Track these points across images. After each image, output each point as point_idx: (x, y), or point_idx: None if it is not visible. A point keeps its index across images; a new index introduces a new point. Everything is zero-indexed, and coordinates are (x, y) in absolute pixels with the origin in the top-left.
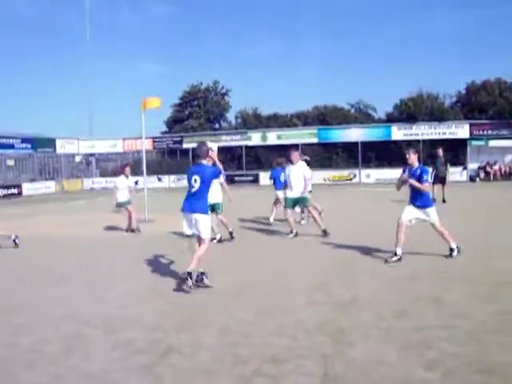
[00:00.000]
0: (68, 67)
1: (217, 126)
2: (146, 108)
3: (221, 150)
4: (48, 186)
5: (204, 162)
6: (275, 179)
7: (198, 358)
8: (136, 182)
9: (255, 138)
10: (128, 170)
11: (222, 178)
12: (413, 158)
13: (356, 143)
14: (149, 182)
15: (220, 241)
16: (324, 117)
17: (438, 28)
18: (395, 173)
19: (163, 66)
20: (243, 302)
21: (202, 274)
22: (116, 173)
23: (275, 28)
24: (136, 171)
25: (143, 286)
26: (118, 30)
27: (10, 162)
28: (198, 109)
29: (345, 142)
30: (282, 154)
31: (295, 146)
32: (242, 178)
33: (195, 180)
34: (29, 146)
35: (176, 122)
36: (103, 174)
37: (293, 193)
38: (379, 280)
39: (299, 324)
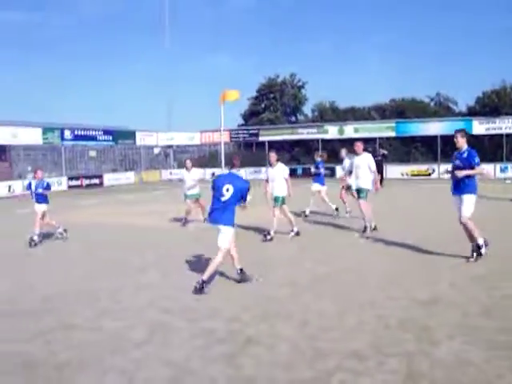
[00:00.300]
0: (148, 62)
1: (293, 119)
2: (226, 100)
3: (297, 143)
4: (128, 177)
5: (235, 170)
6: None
7: (278, 349)
8: (213, 174)
9: (332, 132)
10: (188, 162)
11: (286, 174)
12: (461, 141)
13: (435, 137)
14: None
15: (297, 234)
16: (402, 110)
17: None
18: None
19: (240, 59)
20: (321, 295)
21: (203, 282)
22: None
23: (348, 19)
24: (214, 163)
25: (218, 276)
26: (196, 24)
27: (93, 154)
28: (275, 101)
29: (423, 136)
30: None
31: (372, 140)
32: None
33: (227, 189)
34: (110, 138)
35: (252, 115)
36: (181, 166)
37: (360, 184)
38: (461, 277)
39: (380, 319)
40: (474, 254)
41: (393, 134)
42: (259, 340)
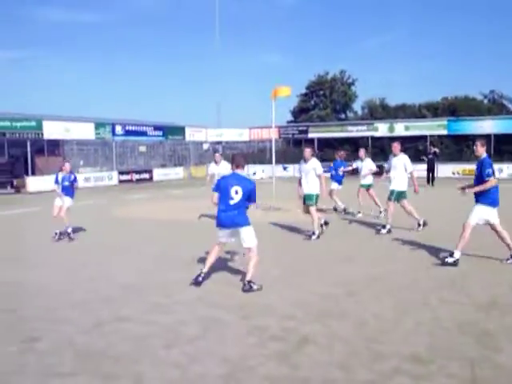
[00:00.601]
0: (197, 59)
1: (342, 116)
2: (277, 96)
3: (346, 140)
4: (177, 172)
5: (239, 171)
6: (335, 170)
7: (335, 350)
8: (253, 174)
9: (382, 129)
10: (217, 156)
11: (319, 170)
12: (480, 150)
13: (489, 135)
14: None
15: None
16: (455, 108)
17: None
18: None
19: (289, 56)
20: (376, 295)
21: (250, 282)
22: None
23: (400, 15)
24: (262, 160)
25: (272, 273)
26: (246, 22)
27: (143, 149)
28: (324, 98)
29: (476, 135)
30: (407, 145)
31: (423, 138)
32: None
33: (236, 192)
34: (160, 133)
35: (302, 112)
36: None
37: (393, 185)
38: None
39: (438, 322)
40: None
41: (444, 132)
42: (315, 339)
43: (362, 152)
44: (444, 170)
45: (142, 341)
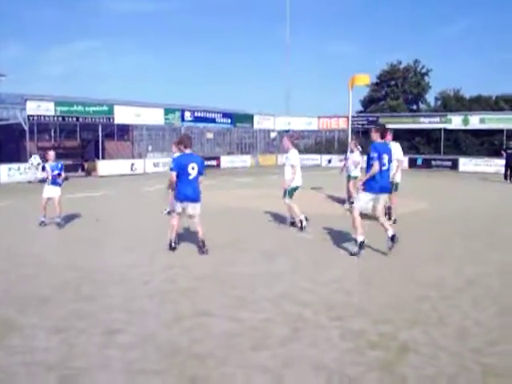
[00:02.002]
0: (268, 47)
1: (414, 107)
2: (355, 85)
3: (418, 132)
4: (244, 160)
5: (188, 151)
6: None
7: (440, 361)
8: (329, 161)
9: (456, 121)
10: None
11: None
12: (374, 136)
13: None
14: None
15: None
16: None
17: None
18: None
19: (360, 47)
20: (474, 299)
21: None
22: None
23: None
24: (330, 150)
25: (355, 270)
26: (315, 12)
27: (210, 135)
28: (396, 88)
29: None
30: (482, 139)
31: (500, 132)
32: (439, 163)
33: (193, 168)
34: (229, 120)
35: (372, 102)
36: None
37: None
38: None
39: None
40: None
41: None
42: (416, 348)
43: (352, 143)
44: None
45: (229, 339)
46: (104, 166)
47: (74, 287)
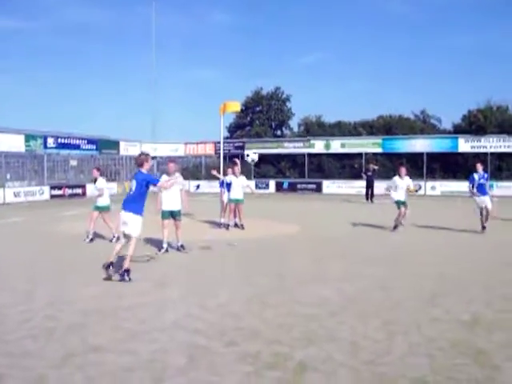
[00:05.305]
0: (132, 73)
1: (279, 132)
2: (226, 112)
3: (283, 157)
4: (110, 187)
5: (142, 169)
6: None
7: (340, 377)
8: (198, 186)
9: (318, 146)
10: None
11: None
12: None
13: (421, 154)
14: (210, 186)
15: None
16: (390, 126)
17: (508, 37)
18: (461, 185)
19: (221, 73)
20: (359, 315)
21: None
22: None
23: (333, 35)
24: (197, 175)
25: (244, 294)
26: (177, 38)
27: (73, 163)
28: (262, 115)
29: (410, 153)
30: (343, 162)
31: (359, 155)
32: (304, 186)
33: (133, 184)
34: (94, 147)
35: (238, 128)
36: None
37: None
38: (492, 295)
39: (432, 342)
40: None
41: (379, 150)
42: (314, 365)
43: (235, 168)
44: (380, 187)
45: (127, 374)
46: None
47: None
